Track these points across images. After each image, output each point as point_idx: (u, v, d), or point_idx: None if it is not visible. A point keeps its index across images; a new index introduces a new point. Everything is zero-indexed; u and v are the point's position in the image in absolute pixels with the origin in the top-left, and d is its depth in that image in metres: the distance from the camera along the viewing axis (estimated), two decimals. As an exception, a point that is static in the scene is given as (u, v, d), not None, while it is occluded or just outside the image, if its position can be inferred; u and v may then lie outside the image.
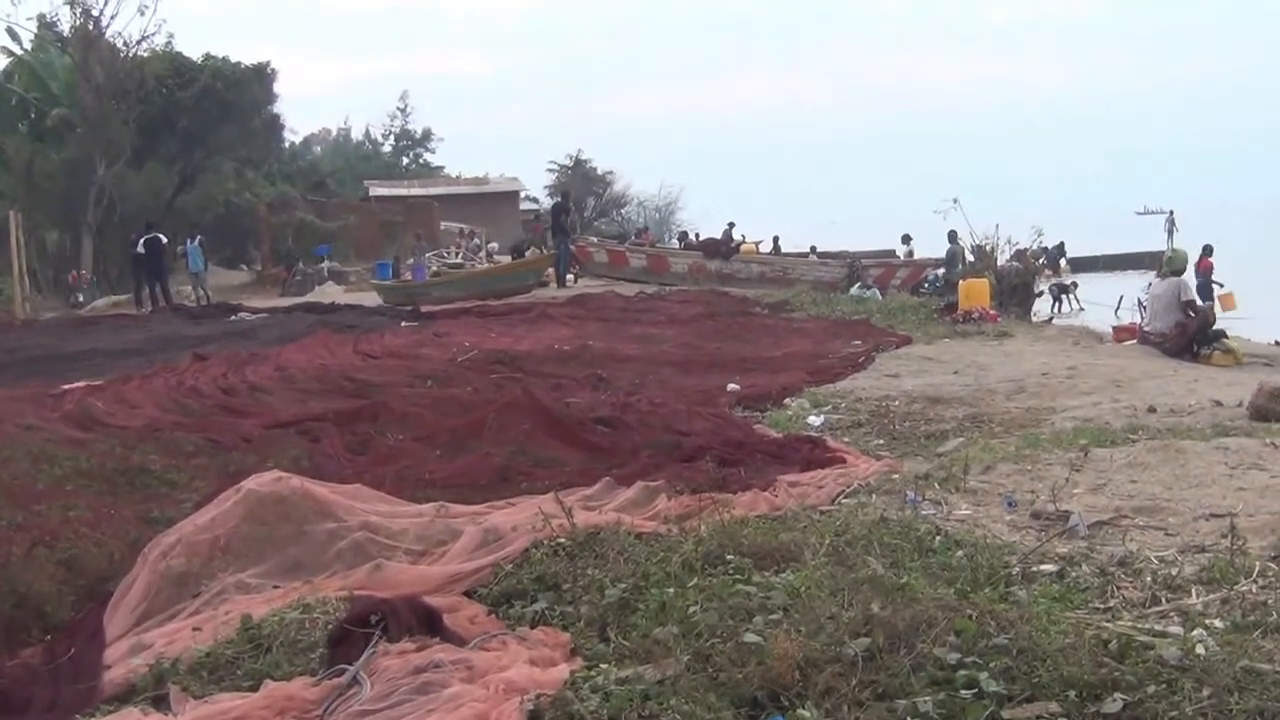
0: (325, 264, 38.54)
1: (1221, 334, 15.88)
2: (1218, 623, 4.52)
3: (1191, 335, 15.41)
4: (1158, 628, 4.41)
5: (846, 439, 9.25)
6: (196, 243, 33.39)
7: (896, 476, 7.56)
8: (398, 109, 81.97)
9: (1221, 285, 31.73)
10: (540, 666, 4.28)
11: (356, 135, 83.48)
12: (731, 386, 12.21)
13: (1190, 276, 19.25)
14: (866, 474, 7.61)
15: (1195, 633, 4.27)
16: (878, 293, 26.35)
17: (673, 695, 3.86)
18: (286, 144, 58.19)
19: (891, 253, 40.51)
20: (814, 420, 10.22)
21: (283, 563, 5.77)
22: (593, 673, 4.16)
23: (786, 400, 11.43)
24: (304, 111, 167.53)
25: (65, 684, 4.69)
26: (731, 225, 43.05)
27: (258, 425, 10.21)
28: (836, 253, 39.30)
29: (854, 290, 26.61)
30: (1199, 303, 16.31)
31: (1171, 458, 7.73)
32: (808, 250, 42.82)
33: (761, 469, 7.83)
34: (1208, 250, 33.30)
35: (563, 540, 5.65)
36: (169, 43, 42.22)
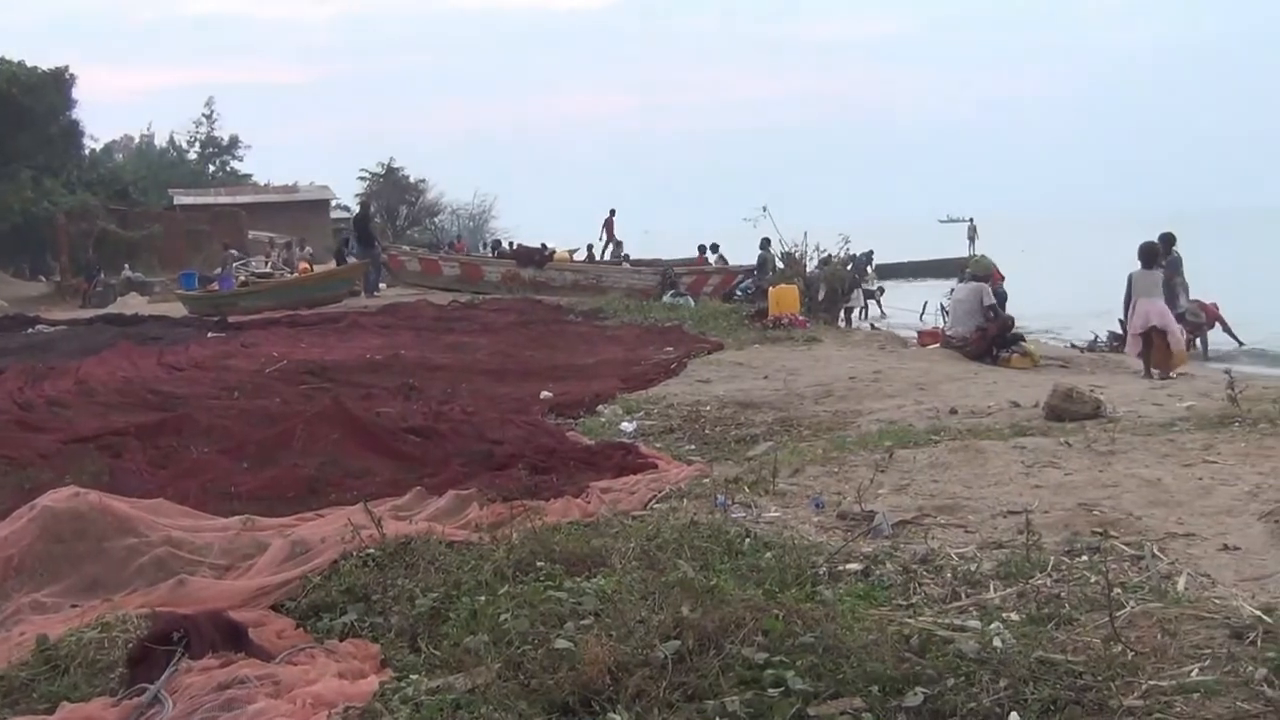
0: None
1: (1020, 338, 16.43)
2: (1014, 616, 4.67)
3: (992, 339, 15.90)
4: (957, 622, 4.53)
5: (659, 445, 9.33)
6: None
7: (707, 481, 7.62)
8: (204, 115, 79.78)
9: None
10: (349, 679, 4.23)
11: (160, 142, 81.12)
12: (545, 394, 12.23)
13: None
14: (678, 479, 7.66)
15: (992, 626, 4.41)
16: (690, 300, 26.61)
17: (484, 703, 3.85)
18: (86, 151, 56.30)
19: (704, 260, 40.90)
20: (626, 427, 10.28)
21: (81, 581, 5.62)
22: (403, 683, 4.13)
23: (599, 407, 11.47)
24: (106, 119, 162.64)
25: None
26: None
27: (55, 441, 9.85)
28: (650, 260, 39.59)
29: (667, 297, 26.82)
30: (999, 308, 16.83)
31: (971, 457, 7.98)
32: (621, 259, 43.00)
33: (574, 476, 7.85)
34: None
35: (372, 551, 5.59)
36: (-40, 47, 40.68)
